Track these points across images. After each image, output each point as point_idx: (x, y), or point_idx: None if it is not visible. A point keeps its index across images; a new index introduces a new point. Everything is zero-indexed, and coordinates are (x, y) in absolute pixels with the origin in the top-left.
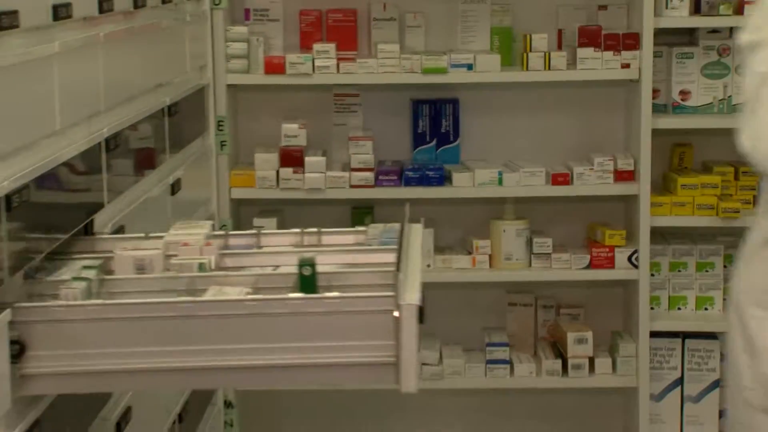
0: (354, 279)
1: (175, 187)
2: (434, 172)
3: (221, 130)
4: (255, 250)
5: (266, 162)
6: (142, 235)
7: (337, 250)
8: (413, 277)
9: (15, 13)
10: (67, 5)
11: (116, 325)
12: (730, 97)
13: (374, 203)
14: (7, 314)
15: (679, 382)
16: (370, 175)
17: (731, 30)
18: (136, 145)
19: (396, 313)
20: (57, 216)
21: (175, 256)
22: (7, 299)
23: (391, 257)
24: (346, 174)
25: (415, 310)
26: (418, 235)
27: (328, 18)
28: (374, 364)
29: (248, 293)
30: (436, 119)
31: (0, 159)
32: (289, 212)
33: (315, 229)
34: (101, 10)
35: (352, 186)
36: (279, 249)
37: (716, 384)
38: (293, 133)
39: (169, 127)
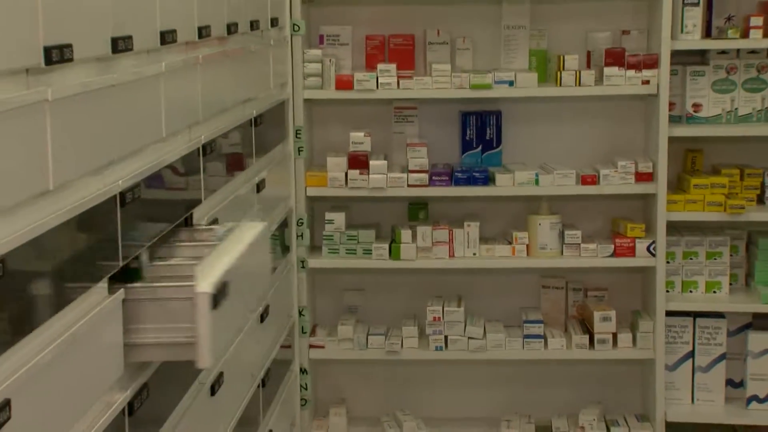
0: (184, 270)
1: (260, 186)
2: (480, 173)
3: (299, 138)
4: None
5: (336, 165)
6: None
7: (198, 245)
8: (215, 268)
9: (129, 38)
10: (173, 32)
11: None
12: (736, 109)
13: (428, 200)
14: (121, 293)
15: (691, 354)
16: (424, 176)
17: (738, 51)
18: (227, 150)
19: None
20: (162, 210)
21: None
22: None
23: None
24: (404, 175)
25: (208, 297)
26: (250, 232)
27: (389, 42)
28: (180, 344)
29: None
30: (481, 128)
31: (115, 162)
32: (355, 208)
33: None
34: (200, 36)
35: (409, 185)
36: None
37: (723, 357)
38: (359, 140)
39: (255, 135)
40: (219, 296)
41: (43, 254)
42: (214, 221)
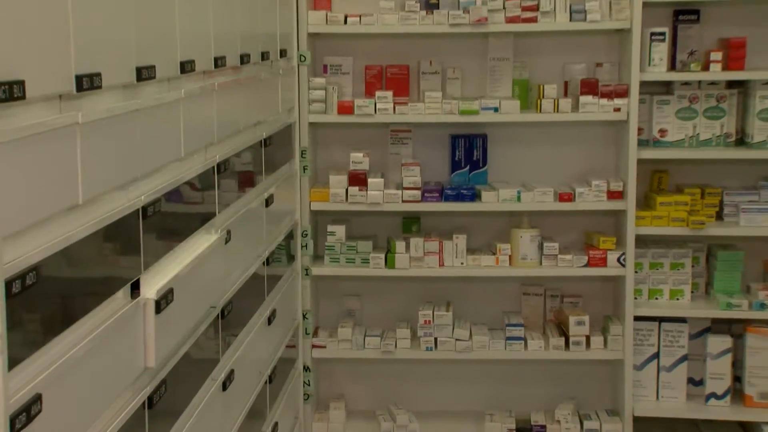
0: None
1: (268, 201)
2: (467, 191)
3: (304, 158)
4: None
5: (338, 182)
6: None
7: None
8: (159, 278)
9: (153, 67)
10: (191, 62)
11: None
12: (697, 134)
13: (420, 215)
14: (142, 298)
15: (656, 355)
16: (417, 192)
17: (699, 83)
18: (240, 169)
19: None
20: (180, 222)
21: None
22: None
23: None
24: (399, 192)
25: (153, 303)
26: (201, 244)
27: (386, 72)
28: None
29: None
30: (469, 150)
31: (139, 179)
32: (354, 221)
33: None
34: (216, 66)
35: (403, 201)
36: None
37: (685, 357)
38: (359, 160)
39: (264, 154)
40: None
41: (72, 262)
42: (228, 233)
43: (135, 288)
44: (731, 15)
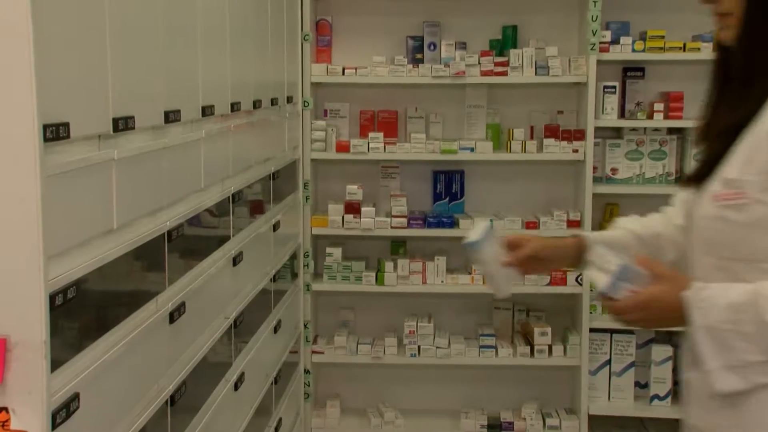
0: None
1: (276, 226)
2: (447, 219)
3: (306, 189)
4: None
5: (335, 210)
6: None
7: None
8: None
9: (178, 111)
10: (211, 107)
11: None
12: (644, 173)
13: (407, 239)
14: (167, 308)
15: (608, 362)
16: (404, 220)
17: (645, 129)
18: (251, 198)
19: None
20: (199, 245)
21: None
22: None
23: None
24: (388, 219)
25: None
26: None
27: (378, 116)
28: None
29: None
30: (448, 183)
31: (165, 207)
32: (349, 244)
33: None
34: (232, 110)
35: (392, 227)
36: None
37: (632, 364)
38: (354, 191)
39: (273, 186)
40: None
41: (107, 278)
42: (239, 254)
43: (161, 300)
44: (671, 73)
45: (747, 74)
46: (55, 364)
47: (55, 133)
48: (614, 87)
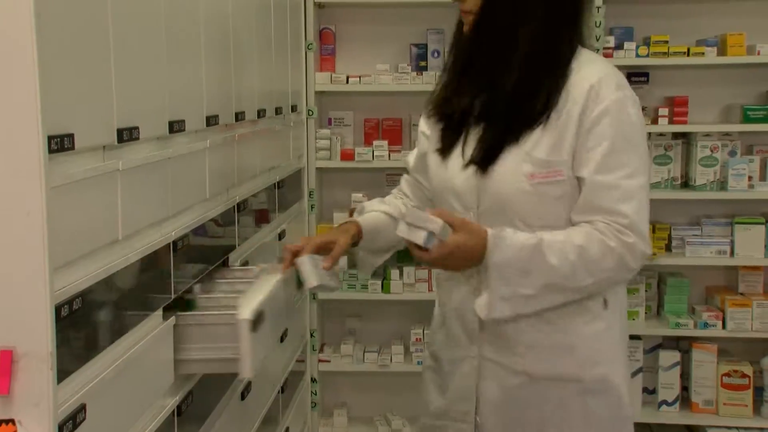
0: (230, 302)
1: (281, 235)
2: None
3: (311, 198)
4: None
5: (340, 218)
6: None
7: (238, 282)
8: (252, 300)
9: (183, 121)
10: (216, 116)
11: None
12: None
13: None
14: (172, 320)
15: None
16: None
17: (649, 134)
18: (256, 207)
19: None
20: (205, 254)
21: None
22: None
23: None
24: None
25: (246, 322)
26: (273, 273)
27: (382, 124)
28: (227, 359)
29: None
30: None
31: (170, 217)
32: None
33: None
34: (237, 119)
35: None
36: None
37: (640, 369)
38: (359, 199)
39: (278, 195)
40: (257, 322)
41: (113, 289)
42: (245, 263)
43: (167, 310)
44: (675, 77)
45: (487, 63)
46: (62, 375)
47: (59, 144)
48: None
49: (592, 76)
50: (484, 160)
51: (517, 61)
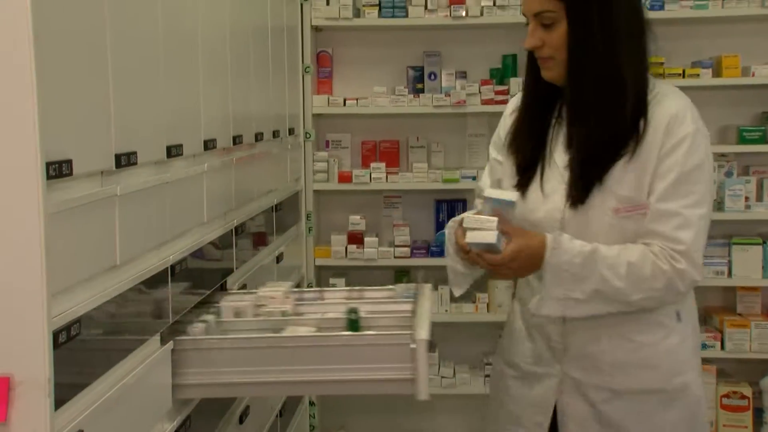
0: (384, 321)
1: (279, 258)
2: None
3: (309, 220)
4: (319, 302)
5: (338, 241)
6: (244, 291)
7: (373, 301)
8: (423, 320)
9: (180, 146)
10: (213, 140)
11: (233, 353)
12: None
13: (410, 268)
14: (170, 344)
15: None
16: (407, 249)
17: None
18: (254, 230)
19: (412, 345)
20: (203, 277)
21: (264, 306)
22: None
23: (408, 307)
24: (391, 249)
25: (425, 343)
26: (428, 293)
27: (380, 146)
28: (398, 379)
29: (314, 331)
30: (451, 212)
31: (168, 241)
32: (353, 274)
33: (358, 287)
34: (234, 143)
35: (395, 257)
36: (335, 300)
37: None
38: (356, 222)
39: (275, 218)
40: (432, 343)
41: (110, 314)
42: (243, 286)
43: (164, 335)
44: None
45: (580, 108)
46: (59, 401)
47: (58, 170)
48: None
49: (672, 108)
50: (577, 198)
51: (628, 100)
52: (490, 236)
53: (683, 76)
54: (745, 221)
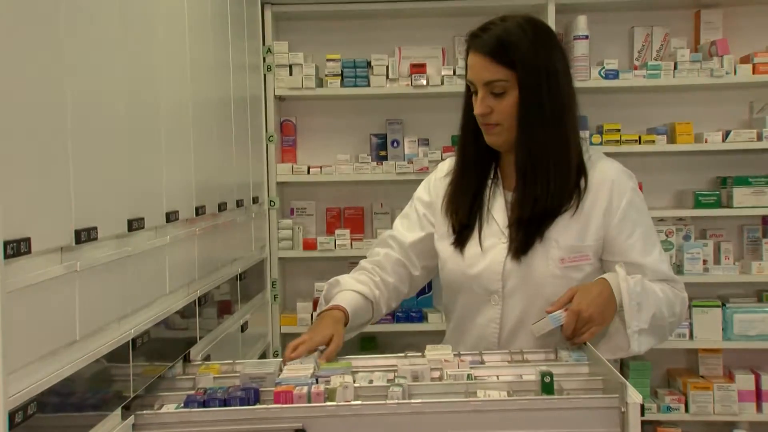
0: (571, 384)
1: (244, 327)
2: (416, 313)
3: (274, 288)
4: (480, 365)
5: (304, 308)
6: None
7: (541, 364)
8: (624, 383)
9: (142, 219)
10: (176, 212)
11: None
12: None
13: (376, 335)
14: (131, 419)
15: None
16: None
17: None
18: (218, 299)
19: (623, 409)
20: (166, 348)
21: (439, 369)
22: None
23: (583, 369)
24: None
25: (638, 406)
26: (596, 355)
27: (344, 213)
28: None
29: (509, 394)
30: None
31: (129, 314)
32: None
33: (518, 350)
34: (197, 214)
35: None
36: (497, 364)
37: None
38: (322, 288)
39: (240, 286)
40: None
41: (69, 390)
42: (207, 357)
43: (126, 409)
44: (628, 164)
45: (528, 172)
46: None
47: (16, 249)
48: None
49: (610, 171)
50: (521, 250)
51: (572, 161)
52: (553, 320)
53: (639, 142)
54: (704, 284)
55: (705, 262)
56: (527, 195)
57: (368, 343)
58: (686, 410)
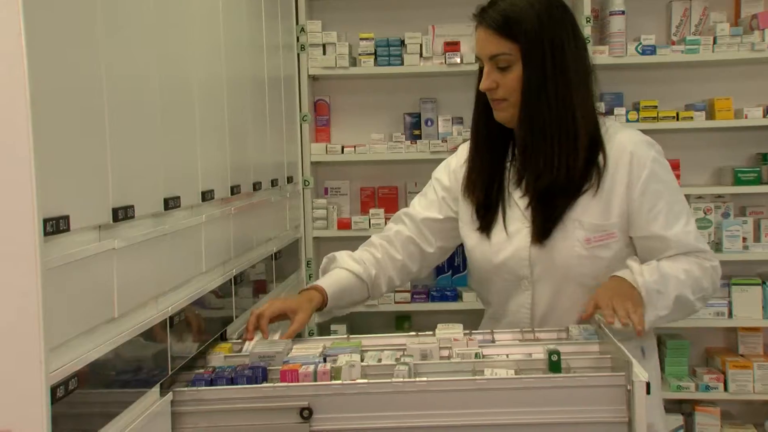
0: (579, 363)
1: None
2: (450, 292)
3: (309, 267)
4: (491, 344)
5: None
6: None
7: (552, 343)
8: (631, 361)
9: (178, 197)
10: (211, 191)
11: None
12: None
13: (411, 314)
14: (169, 396)
15: None
16: (407, 294)
17: None
18: (254, 278)
19: (629, 387)
20: (203, 326)
21: (448, 348)
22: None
23: (593, 347)
24: (392, 294)
25: (644, 384)
26: (611, 333)
27: (378, 192)
28: (612, 422)
29: (516, 373)
30: (451, 257)
31: (167, 292)
32: (355, 320)
33: (529, 329)
34: (232, 193)
35: (396, 302)
36: (507, 343)
37: None
38: None
39: (275, 266)
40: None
41: (108, 367)
42: (241, 336)
43: (164, 387)
44: (666, 142)
45: (529, 151)
46: None
47: (55, 226)
48: None
49: (628, 143)
50: (542, 234)
51: (580, 139)
52: (583, 330)
53: (677, 119)
54: (744, 262)
55: (744, 239)
56: (530, 176)
57: (403, 322)
58: (725, 389)
